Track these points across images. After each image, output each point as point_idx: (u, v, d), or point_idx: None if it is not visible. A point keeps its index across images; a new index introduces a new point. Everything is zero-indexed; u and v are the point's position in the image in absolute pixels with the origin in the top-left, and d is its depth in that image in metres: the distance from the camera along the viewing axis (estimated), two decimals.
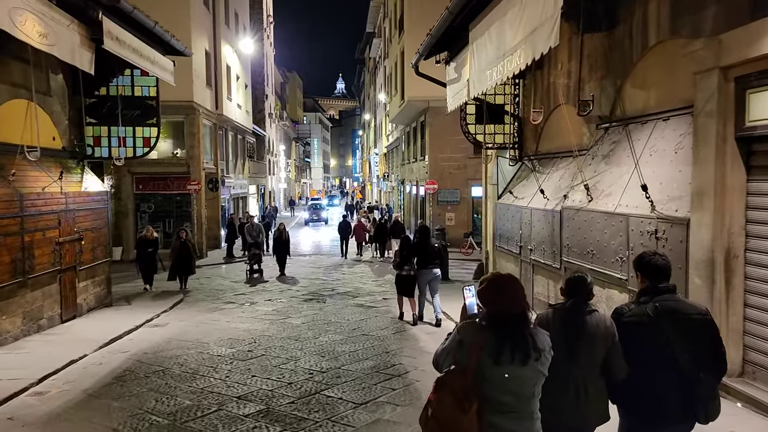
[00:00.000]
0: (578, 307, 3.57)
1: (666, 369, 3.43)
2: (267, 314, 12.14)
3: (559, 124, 11.68)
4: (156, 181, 25.00)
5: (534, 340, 2.94)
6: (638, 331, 3.51)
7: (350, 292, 14.86)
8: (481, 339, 2.90)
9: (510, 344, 2.88)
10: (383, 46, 41.18)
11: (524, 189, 12.51)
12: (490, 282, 3.05)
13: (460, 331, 3.02)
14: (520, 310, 2.98)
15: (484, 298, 3.02)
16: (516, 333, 2.92)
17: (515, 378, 2.88)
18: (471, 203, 26.15)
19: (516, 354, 2.86)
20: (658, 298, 3.57)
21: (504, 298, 2.97)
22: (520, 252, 11.97)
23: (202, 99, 23.59)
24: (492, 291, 3.01)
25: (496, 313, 2.96)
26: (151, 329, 10.99)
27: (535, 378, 2.94)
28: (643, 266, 3.70)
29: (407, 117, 30.10)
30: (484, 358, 2.86)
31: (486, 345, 2.88)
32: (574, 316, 3.53)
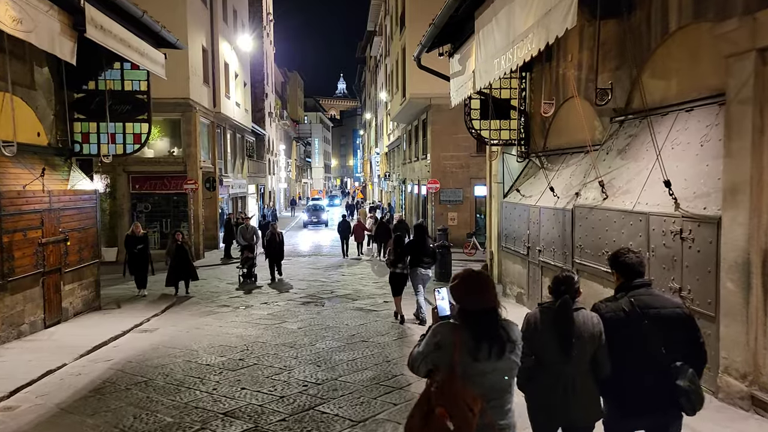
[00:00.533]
0: (568, 306, 3.59)
1: (643, 363, 3.48)
2: (262, 318, 11.52)
3: (569, 118, 11.06)
4: (152, 181, 24.41)
5: (507, 333, 2.98)
6: (615, 327, 3.56)
7: (350, 295, 14.24)
8: (458, 338, 2.91)
9: (487, 340, 2.90)
10: (384, 45, 40.59)
11: (532, 187, 11.88)
12: (462, 280, 3.06)
13: (436, 333, 3.02)
14: (492, 306, 3.01)
15: (457, 296, 3.04)
16: (491, 328, 2.95)
17: (493, 372, 2.92)
18: (474, 203, 25.52)
19: (493, 348, 2.90)
20: (633, 293, 3.61)
21: (477, 295, 3.00)
22: (528, 253, 11.34)
23: (199, 96, 22.99)
24: (464, 289, 3.04)
25: (470, 311, 2.98)
26: (138, 335, 10.38)
27: (510, 369, 2.98)
28: (618, 264, 3.76)
29: (409, 115, 29.48)
30: (464, 355, 2.87)
31: (464, 343, 2.89)
32: (564, 316, 3.56)
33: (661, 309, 3.53)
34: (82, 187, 12.04)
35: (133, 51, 10.72)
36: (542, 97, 12.30)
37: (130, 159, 22.86)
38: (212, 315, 12.02)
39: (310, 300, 13.59)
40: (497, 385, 2.96)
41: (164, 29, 12.18)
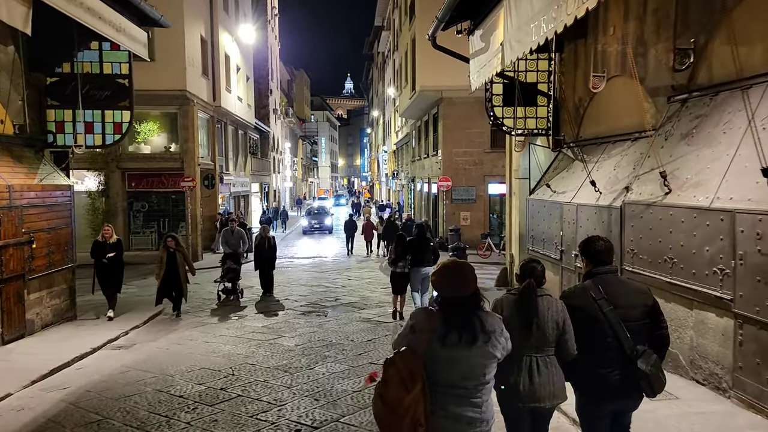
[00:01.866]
0: (531, 290, 3.62)
1: (609, 348, 3.53)
2: (255, 332, 9.98)
3: (611, 101, 9.46)
4: (149, 178, 22.98)
5: (482, 323, 2.95)
6: (582, 313, 3.60)
7: (356, 303, 12.68)
8: (430, 323, 2.93)
9: (457, 327, 2.89)
10: (392, 39, 39.09)
11: (565, 182, 10.28)
12: (440, 269, 3.09)
13: (413, 316, 3.08)
14: (468, 294, 2.98)
15: (436, 284, 3.07)
16: (463, 316, 2.94)
17: (463, 360, 2.88)
18: (488, 201, 23.91)
19: (463, 335, 2.88)
20: (600, 279, 3.65)
21: (452, 283, 3.00)
22: (561, 257, 9.75)
23: (198, 89, 21.49)
24: (442, 277, 3.05)
25: (445, 298, 3.00)
26: (110, 353, 8.85)
27: (485, 360, 2.91)
28: (588, 252, 3.77)
29: (418, 110, 27.89)
30: (434, 340, 2.88)
31: (434, 328, 2.90)
32: (526, 298, 3.60)
33: (627, 295, 3.60)
34: (52, 181, 10.54)
35: (106, 24, 9.17)
36: (575, 79, 10.72)
37: (125, 155, 21.52)
38: (200, 327, 10.49)
39: (311, 309, 12.03)
40: (467, 374, 2.89)
41: (145, 1, 10.64)
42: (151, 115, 21.80)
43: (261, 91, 38.07)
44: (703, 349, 6.20)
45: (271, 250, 13.84)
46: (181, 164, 21.09)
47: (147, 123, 21.46)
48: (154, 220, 23.51)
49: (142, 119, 21.71)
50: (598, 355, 3.56)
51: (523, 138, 11.94)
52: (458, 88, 23.58)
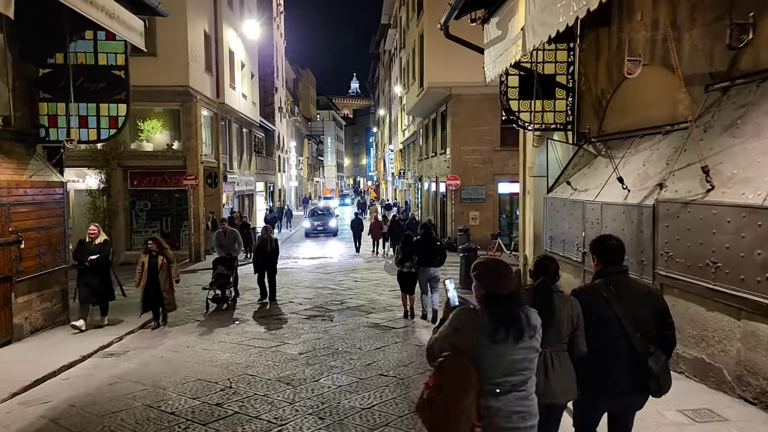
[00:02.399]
0: (546, 287, 3.70)
1: (618, 346, 3.53)
2: (257, 338, 9.36)
3: (637, 93, 8.79)
4: (152, 177, 22.42)
5: (528, 318, 2.96)
6: (593, 312, 3.61)
7: (363, 307, 12.03)
8: (475, 322, 2.90)
9: (505, 323, 2.88)
10: (399, 37, 38.46)
11: (587, 179, 9.61)
12: (482, 267, 3.08)
13: (455, 317, 2.99)
14: (511, 291, 2.98)
15: (478, 282, 3.05)
16: (510, 312, 2.93)
17: (511, 355, 2.86)
18: (497, 201, 23.23)
19: (511, 332, 2.87)
20: (611, 279, 3.65)
21: (497, 280, 2.99)
22: (584, 260, 9.08)
23: (201, 85, 20.91)
24: (485, 274, 3.04)
25: (490, 295, 2.97)
26: (101, 361, 8.24)
27: (530, 354, 2.93)
28: (600, 249, 3.73)
29: (426, 107, 27.23)
30: (480, 339, 2.85)
31: (481, 327, 2.87)
32: (542, 295, 3.63)
33: (637, 295, 3.60)
34: (43, 178, 9.95)
35: (98, 10, 8.55)
36: (597, 70, 10.05)
37: (126, 153, 20.94)
38: (198, 333, 9.87)
39: (316, 313, 11.40)
40: (515, 369, 2.89)
41: None
42: (154, 111, 21.24)
43: (266, 88, 37.48)
44: (753, 364, 5.52)
45: (274, 253, 12.72)
46: (184, 162, 20.51)
47: (150, 120, 20.90)
48: (156, 219, 22.97)
49: (144, 116, 21.16)
50: (608, 353, 3.56)
51: (539, 133, 11.25)
52: (467, 84, 22.97)
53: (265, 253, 12.63)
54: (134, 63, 19.86)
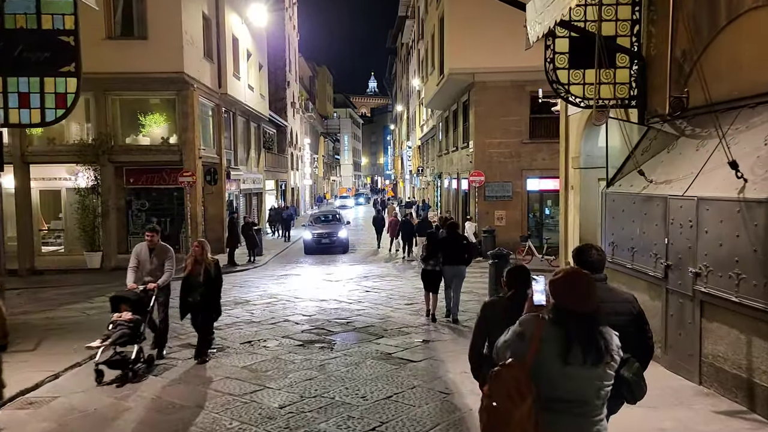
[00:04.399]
0: (520, 297, 3.51)
1: None
2: (230, 378, 7.04)
3: (741, 50, 6.32)
4: (149, 174, 20.30)
5: (607, 342, 2.63)
6: None
7: (373, 328, 9.66)
8: (541, 333, 2.62)
9: (581, 344, 2.56)
10: (417, 27, 36.13)
11: (667, 167, 7.14)
12: (564, 276, 2.71)
13: (522, 323, 2.74)
14: (591, 311, 2.64)
15: (555, 291, 2.69)
16: (587, 333, 2.60)
17: (585, 379, 2.58)
18: (526, 199, 20.71)
19: (589, 356, 2.56)
20: None
21: (576, 296, 2.64)
22: (666, 275, 6.61)
23: (199, 72, 18.70)
24: (564, 286, 2.67)
25: (565, 310, 2.63)
26: (13, 414, 5.98)
27: (606, 381, 2.64)
28: (582, 261, 3.66)
29: (446, 98, 24.77)
30: (547, 354, 2.57)
31: (548, 340, 2.59)
32: (517, 306, 3.31)
33: (615, 303, 3.54)
34: None
35: None
36: (676, 26, 7.56)
37: (117, 147, 18.78)
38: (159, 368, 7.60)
39: (314, 336, 9.06)
40: (589, 393, 2.60)
41: None
42: (148, 102, 19.12)
43: (278, 82, 35.33)
44: None
45: (210, 285, 7.63)
46: (180, 157, 18.33)
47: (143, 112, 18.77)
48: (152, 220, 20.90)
49: (137, 108, 19.06)
50: None
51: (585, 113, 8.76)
52: (492, 69, 20.49)
53: (195, 285, 7.59)
54: (122, 47, 17.92)
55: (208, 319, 7.88)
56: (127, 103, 18.81)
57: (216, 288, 7.80)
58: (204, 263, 7.66)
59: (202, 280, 7.57)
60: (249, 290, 13.58)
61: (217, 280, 7.79)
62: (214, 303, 7.80)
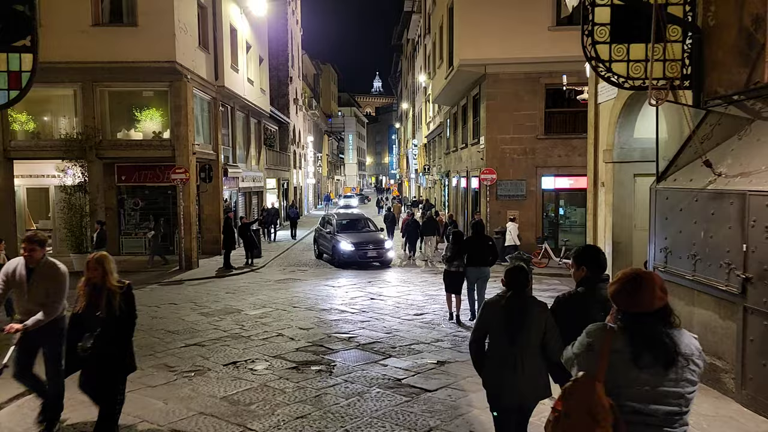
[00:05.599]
0: (518, 296, 3.81)
1: None
2: (203, 414, 5.72)
3: None
4: (142, 171, 19.18)
5: (676, 343, 2.44)
6: (578, 317, 3.45)
7: (379, 345, 8.34)
8: (611, 342, 2.49)
9: (648, 346, 2.44)
10: (423, 22, 34.83)
11: (742, 157, 5.78)
12: (622, 279, 2.58)
13: (590, 334, 2.61)
14: (656, 309, 2.49)
15: (617, 297, 2.57)
16: (653, 334, 2.46)
17: (657, 385, 2.42)
18: (540, 198, 19.34)
19: (659, 357, 2.41)
20: (595, 286, 3.62)
21: (637, 296, 2.51)
22: (744, 291, 5.27)
23: (193, 63, 17.42)
24: (624, 288, 2.55)
25: (629, 313, 2.53)
26: None
27: (682, 388, 2.42)
28: (588, 259, 3.70)
29: (455, 92, 23.43)
30: (619, 363, 2.45)
31: (618, 349, 2.47)
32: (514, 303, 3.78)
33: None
34: None
35: None
36: None
37: (105, 142, 17.54)
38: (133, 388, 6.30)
39: (310, 357, 7.73)
40: (662, 401, 2.42)
41: None
42: (138, 95, 17.86)
43: (280, 78, 34.06)
44: None
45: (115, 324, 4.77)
46: (173, 152, 17.06)
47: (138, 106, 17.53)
48: (148, 219, 19.68)
49: (126, 101, 17.82)
50: None
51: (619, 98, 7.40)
52: (505, 60, 19.11)
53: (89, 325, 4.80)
54: (110, 34, 16.52)
55: (110, 381, 4.75)
56: (117, 96, 17.56)
57: (125, 329, 4.83)
58: (105, 291, 4.69)
59: (103, 318, 4.67)
60: (242, 297, 12.30)
61: (126, 317, 4.79)
62: (120, 354, 4.75)
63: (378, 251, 17.64)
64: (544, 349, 3.70)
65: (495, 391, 3.82)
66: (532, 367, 3.70)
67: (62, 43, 15.71)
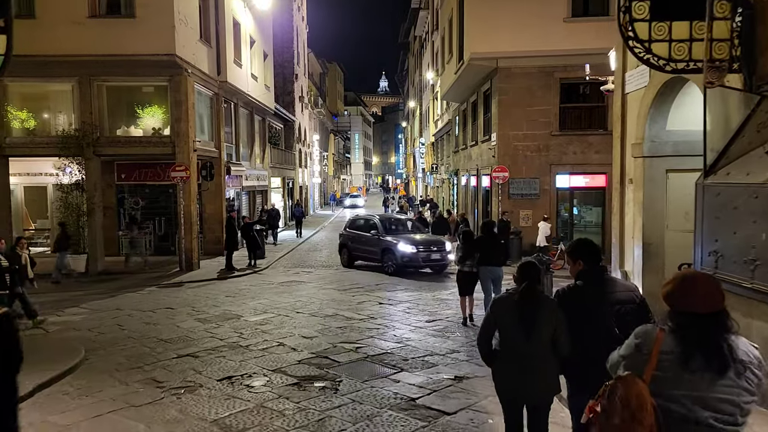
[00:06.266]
0: (530, 291, 3.72)
1: (602, 342, 3.33)
2: None
3: None
4: (142, 169, 18.54)
5: (732, 349, 2.29)
6: (578, 310, 3.59)
7: (389, 357, 7.57)
8: (660, 342, 2.39)
9: (700, 349, 2.31)
10: (431, 18, 34.06)
11: None
12: (677, 280, 2.47)
13: (639, 335, 2.51)
14: (712, 311, 2.35)
15: (670, 298, 2.45)
16: (707, 337, 2.33)
17: (710, 391, 2.28)
18: (555, 197, 18.52)
19: (712, 361, 2.28)
20: (593, 278, 3.65)
21: (693, 298, 2.39)
22: None
23: (194, 56, 16.70)
24: (679, 289, 2.43)
25: (685, 314, 2.39)
26: None
27: (738, 397, 2.27)
28: (583, 252, 3.70)
29: (465, 88, 22.62)
30: (669, 365, 2.33)
31: (669, 351, 2.35)
32: (528, 298, 3.70)
33: (618, 293, 3.59)
34: None
35: None
36: None
37: (103, 139, 16.84)
38: (112, 411, 5.57)
39: (314, 371, 6.95)
40: (715, 409, 2.26)
41: None
42: (137, 90, 17.17)
43: (285, 75, 33.35)
44: None
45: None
46: (173, 149, 16.35)
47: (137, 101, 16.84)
48: (148, 219, 19.01)
49: (125, 96, 17.14)
50: (592, 348, 3.43)
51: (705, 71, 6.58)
52: (518, 54, 18.26)
53: None
54: (108, 26, 15.68)
55: None
56: (116, 91, 16.87)
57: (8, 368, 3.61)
58: None
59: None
60: (243, 302, 11.56)
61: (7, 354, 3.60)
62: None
63: (441, 254, 15.56)
64: (554, 344, 3.66)
65: (508, 388, 3.77)
66: (546, 362, 3.68)
67: (58, 35, 15.05)
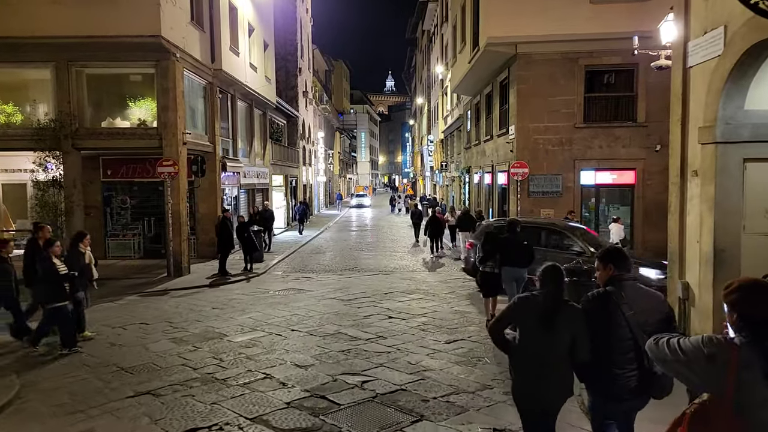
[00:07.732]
0: (554, 295, 3.65)
1: (628, 350, 3.44)
2: None
3: None
4: (130, 164, 17.00)
5: None
6: (604, 317, 3.53)
7: (404, 394, 5.84)
8: (737, 357, 2.12)
9: None
10: (440, 10, 32.35)
11: None
12: (741, 287, 2.27)
13: (709, 344, 2.23)
14: None
15: (738, 307, 2.26)
16: None
17: None
18: (579, 195, 16.72)
19: None
20: (621, 286, 3.59)
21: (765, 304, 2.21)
22: None
23: (183, 40, 15.03)
24: (747, 296, 2.24)
25: (757, 322, 2.18)
26: None
27: None
28: (615, 258, 3.67)
29: (478, 79, 20.87)
30: (750, 382, 2.09)
31: (748, 366, 2.11)
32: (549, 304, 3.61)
33: (646, 300, 3.53)
34: None
35: None
36: None
37: (83, 130, 15.24)
38: None
39: (305, 420, 5.25)
40: None
41: None
42: (121, 77, 15.56)
43: (288, 69, 31.67)
44: None
45: None
46: (160, 142, 14.70)
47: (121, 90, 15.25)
48: (138, 218, 17.45)
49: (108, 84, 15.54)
50: (617, 356, 3.46)
51: None
52: (540, 38, 16.42)
53: None
54: (86, 4, 13.90)
55: None
56: (96, 79, 15.24)
57: None
58: None
59: None
60: (230, 316, 9.86)
61: None
62: None
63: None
64: (573, 349, 3.53)
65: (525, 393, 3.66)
66: (562, 368, 3.59)
67: (32, 15, 13.43)
